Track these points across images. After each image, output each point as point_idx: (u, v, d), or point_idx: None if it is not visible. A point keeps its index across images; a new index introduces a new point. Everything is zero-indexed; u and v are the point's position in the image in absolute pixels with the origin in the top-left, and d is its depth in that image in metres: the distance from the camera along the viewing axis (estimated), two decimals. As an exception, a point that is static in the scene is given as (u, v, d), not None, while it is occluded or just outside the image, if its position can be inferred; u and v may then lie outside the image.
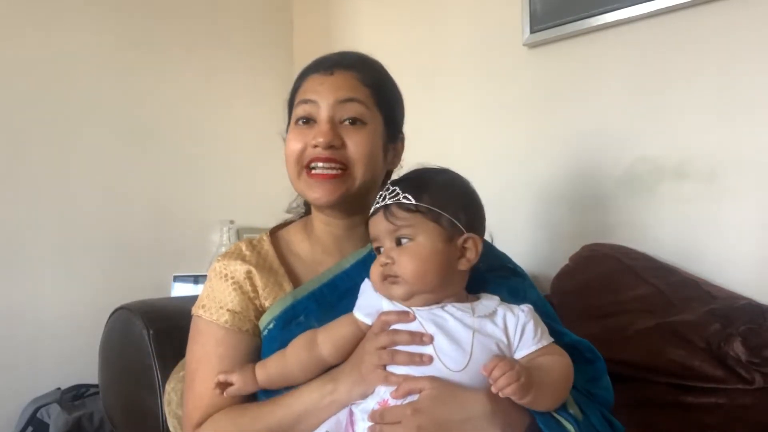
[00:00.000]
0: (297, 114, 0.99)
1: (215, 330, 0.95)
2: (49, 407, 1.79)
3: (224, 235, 2.25)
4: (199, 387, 0.95)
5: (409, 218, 0.82)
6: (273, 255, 1.02)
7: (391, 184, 0.85)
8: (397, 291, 0.81)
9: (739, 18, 1.40)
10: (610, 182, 1.61)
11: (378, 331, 0.82)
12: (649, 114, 1.54)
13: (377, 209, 0.84)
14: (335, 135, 0.95)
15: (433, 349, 0.78)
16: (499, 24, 1.86)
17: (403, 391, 0.77)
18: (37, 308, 1.94)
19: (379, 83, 1.01)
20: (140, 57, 2.20)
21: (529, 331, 0.80)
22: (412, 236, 0.82)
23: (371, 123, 0.97)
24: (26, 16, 1.97)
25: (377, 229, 0.84)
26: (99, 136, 2.09)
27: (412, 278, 0.80)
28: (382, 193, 0.85)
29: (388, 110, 1.02)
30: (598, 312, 1.40)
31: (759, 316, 1.21)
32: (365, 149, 0.96)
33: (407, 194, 0.82)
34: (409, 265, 0.80)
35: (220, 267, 1.00)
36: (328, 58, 1.03)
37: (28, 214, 1.94)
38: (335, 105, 0.96)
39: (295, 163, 0.98)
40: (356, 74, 0.99)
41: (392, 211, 0.83)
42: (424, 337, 0.79)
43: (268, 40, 2.57)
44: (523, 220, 1.79)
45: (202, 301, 1.00)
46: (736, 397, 1.14)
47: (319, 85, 0.98)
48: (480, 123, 1.94)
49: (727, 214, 1.42)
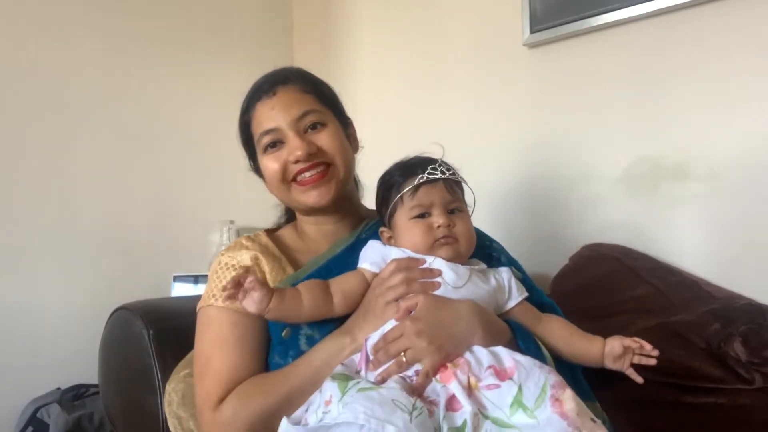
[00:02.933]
0: (263, 144, 1.05)
1: (229, 314, 0.98)
2: (49, 407, 1.79)
3: (224, 235, 2.25)
4: (217, 365, 0.95)
5: (459, 194, 0.97)
6: (273, 245, 1.09)
7: (441, 163, 0.96)
8: (449, 251, 0.92)
9: (739, 18, 1.40)
10: (610, 182, 1.61)
11: (390, 273, 0.91)
12: (649, 114, 1.54)
13: (436, 179, 0.93)
14: (309, 143, 1.02)
15: (442, 276, 0.90)
16: (499, 24, 1.86)
17: (403, 309, 0.86)
18: (37, 308, 1.94)
19: (316, 86, 1.09)
20: (140, 57, 2.20)
21: (513, 285, 0.97)
22: (462, 209, 0.97)
23: (329, 122, 1.06)
24: (25, 17, 1.97)
25: (435, 197, 0.93)
26: (99, 136, 2.09)
27: (466, 241, 0.94)
28: (435, 167, 0.94)
29: (333, 105, 1.10)
30: (598, 312, 1.39)
31: (759, 316, 1.21)
32: (336, 144, 1.05)
33: (460, 175, 0.97)
34: (467, 231, 0.95)
35: (226, 259, 1.05)
36: (264, 80, 1.09)
37: (28, 214, 1.95)
38: (294, 122, 1.03)
39: (281, 181, 1.05)
40: (296, 87, 1.06)
41: (452, 186, 0.95)
42: (434, 271, 0.90)
43: (268, 40, 2.57)
44: (523, 219, 1.80)
45: (210, 292, 1.01)
46: (736, 397, 1.14)
47: (271, 110, 1.04)
48: (480, 122, 1.94)
49: (726, 214, 1.42)
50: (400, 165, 1.00)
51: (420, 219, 0.93)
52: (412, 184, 0.93)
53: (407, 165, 0.98)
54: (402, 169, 0.97)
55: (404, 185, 0.94)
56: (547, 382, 0.75)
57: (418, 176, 0.93)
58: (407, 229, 0.93)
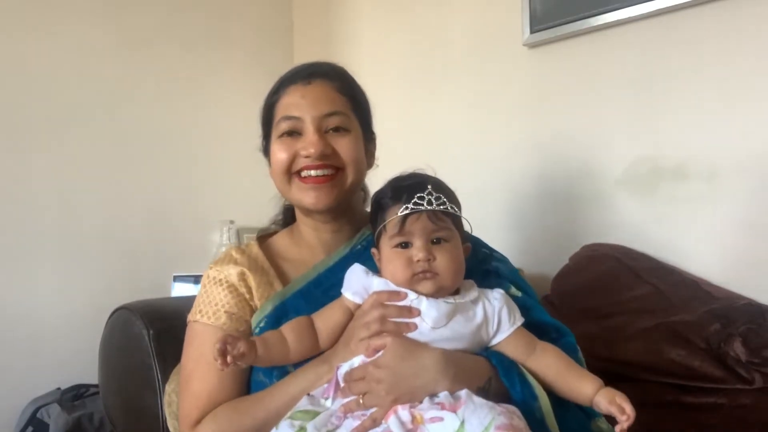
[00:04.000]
0: (281, 129, 1.01)
1: (213, 332, 0.97)
2: (49, 407, 1.79)
3: (224, 235, 2.25)
4: (196, 386, 0.96)
5: (447, 223, 0.90)
6: (263, 257, 1.06)
7: (434, 190, 0.88)
8: (429, 286, 0.87)
9: (739, 18, 1.40)
10: (610, 182, 1.61)
11: (369, 307, 0.88)
12: (649, 114, 1.54)
13: (421, 212, 0.87)
14: (326, 144, 0.98)
15: (422, 313, 0.86)
16: (499, 24, 1.86)
17: (372, 348, 0.84)
18: (37, 308, 1.94)
19: (353, 91, 1.05)
20: (140, 56, 2.20)
21: (504, 316, 0.89)
22: (448, 238, 0.89)
23: (353, 129, 1.02)
24: (24, 16, 1.97)
25: (416, 227, 0.88)
26: (99, 136, 2.09)
27: (449, 275, 0.88)
28: (423, 196, 0.88)
29: (363, 116, 1.07)
30: (598, 312, 1.40)
31: (759, 316, 1.21)
32: (353, 154, 1.00)
33: (453, 204, 0.90)
34: (449, 263, 0.88)
35: (214, 273, 1.04)
36: (303, 68, 1.05)
37: (28, 214, 1.95)
38: (319, 118, 0.99)
39: (284, 172, 1.01)
40: (333, 84, 1.02)
41: (437, 215, 0.88)
42: (412, 310, 0.86)
43: (268, 40, 2.57)
44: (523, 219, 1.79)
45: (198, 307, 1.01)
46: (736, 397, 1.14)
47: (301, 98, 1.00)
48: (480, 122, 1.94)
49: (726, 214, 1.42)
50: (392, 185, 0.94)
51: (401, 249, 0.88)
52: (396, 213, 0.88)
53: (398, 187, 0.92)
54: (393, 191, 0.92)
55: (389, 212, 0.90)
56: (493, 422, 0.72)
57: (403, 206, 0.88)
58: (389, 260, 0.90)
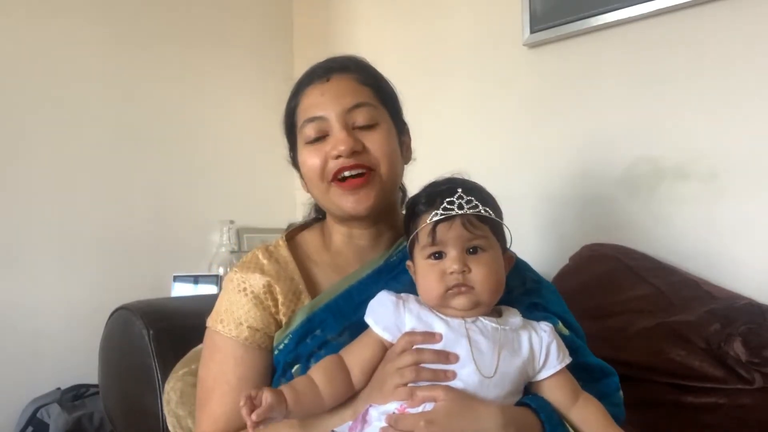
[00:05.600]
0: (306, 135, 0.94)
1: (234, 347, 0.93)
2: (49, 407, 1.79)
3: (224, 235, 2.25)
4: (216, 408, 0.92)
5: (484, 229, 0.82)
6: (292, 262, 0.98)
7: (464, 193, 0.82)
8: (463, 302, 0.80)
9: (739, 18, 1.40)
10: (610, 182, 1.61)
11: (401, 351, 0.80)
12: (649, 114, 1.54)
13: (453, 216, 0.80)
14: (355, 140, 0.91)
15: (470, 353, 0.78)
16: (499, 24, 1.86)
17: (419, 400, 0.77)
18: (37, 308, 1.94)
19: (376, 80, 0.98)
20: (140, 56, 2.20)
21: (553, 351, 0.82)
22: (485, 248, 0.82)
23: (382, 122, 0.95)
24: (24, 14, 1.97)
25: (448, 235, 0.80)
26: (98, 135, 2.09)
27: (486, 289, 0.80)
28: (454, 200, 0.81)
29: (391, 105, 0.99)
30: (598, 312, 1.39)
31: (759, 316, 1.21)
32: (386, 148, 0.93)
33: (486, 207, 0.82)
34: (487, 276, 0.80)
35: (238, 280, 0.96)
36: (320, 65, 0.98)
37: (27, 214, 1.94)
38: (344, 114, 0.92)
39: (320, 178, 0.93)
40: (354, 76, 0.95)
41: (471, 221, 0.81)
42: (450, 356, 0.78)
43: (268, 40, 2.57)
44: (523, 220, 1.79)
45: (219, 314, 0.96)
46: (736, 397, 1.14)
47: (320, 95, 0.93)
48: (480, 123, 1.94)
49: (727, 214, 1.42)
50: (427, 190, 0.87)
51: (434, 261, 0.82)
52: (427, 221, 0.81)
53: (432, 193, 0.85)
54: (427, 197, 0.85)
55: (420, 220, 0.83)
56: None
57: (433, 212, 0.81)
58: (422, 273, 0.83)
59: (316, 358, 0.88)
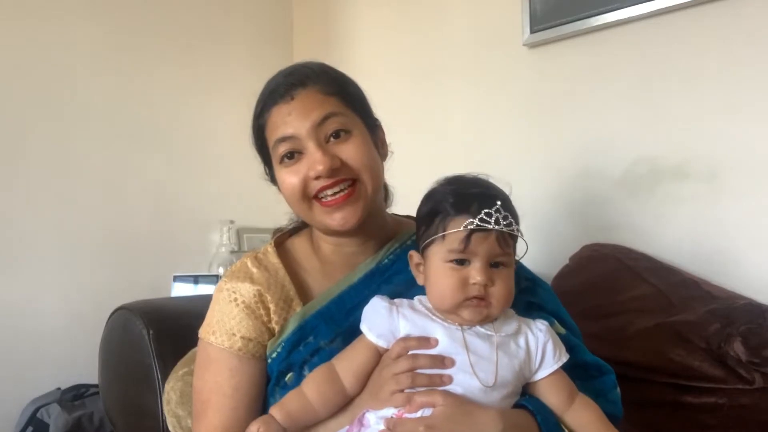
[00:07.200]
0: (279, 153, 0.92)
1: (228, 358, 0.92)
2: (49, 407, 1.79)
3: (224, 235, 2.25)
4: (212, 419, 0.91)
5: (511, 247, 0.83)
6: (282, 269, 0.98)
7: (503, 208, 0.81)
8: (476, 315, 0.80)
9: (739, 18, 1.40)
10: (611, 182, 1.61)
11: (396, 356, 0.80)
12: (649, 114, 1.54)
13: (489, 230, 0.79)
14: (332, 157, 0.89)
15: (468, 364, 0.78)
16: (499, 24, 1.86)
17: (418, 405, 0.77)
18: (37, 308, 1.94)
19: (340, 86, 0.95)
20: (140, 56, 2.20)
21: (549, 351, 0.83)
22: (507, 264, 0.82)
23: (354, 128, 0.92)
24: (24, 14, 1.97)
25: (481, 247, 0.79)
26: (99, 135, 2.09)
27: (500, 305, 0.81)
28: (492, 213, 0.79)
29: (360, 107, 0.97)
30: (598, 312, 1.39)
31: (759, 316, 1.21)
32: (364, 157, 0.91)
33: (518, 227, 0.83)
34: (504, 291, 0.80)
35: (228, 290, 0.95)
36: (280, 84, 0.94)
37: (28, 214, 1.94)
38: (314, 128, 0.90)
39: (301, 198, 0.92)
40: (317, 88, 0.92)
41: (505, 238, 0.81)
42: (445, 361, 0.78)
43: (268, 40, 2.57)
44: (523, 220, 1.79)
45: (211, 326, 0.95)
46: (736, 397, 1.14)
47: (287, 115, 0.91)
48: (480, 123, 1.94)
49: (727, 214, 1.41)
50: (456, 189, 0.84)
51: (456, 266, 0.80)
52: (460, 226, 0.79)
53: (463, 195, 0.82)
54: (457, 197, 0.82)
55: (451, 222, 0.80)
56: None
57: (469, 219, 0.78)
58: (438, 274, 0.81)
59: (309, 366, 0.89)
